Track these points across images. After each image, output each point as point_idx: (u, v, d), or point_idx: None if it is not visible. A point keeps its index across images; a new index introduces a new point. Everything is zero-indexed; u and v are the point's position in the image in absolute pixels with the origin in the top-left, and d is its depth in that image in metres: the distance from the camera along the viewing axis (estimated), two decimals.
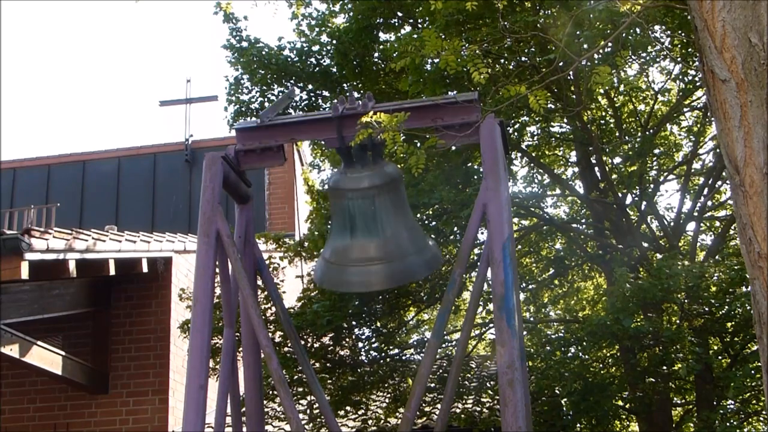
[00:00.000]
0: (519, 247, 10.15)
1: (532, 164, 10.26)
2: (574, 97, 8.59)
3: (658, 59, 8.89)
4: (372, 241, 4.37)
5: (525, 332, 8.85)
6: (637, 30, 7.62)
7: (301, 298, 8.40)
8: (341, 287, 4.52)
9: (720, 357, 8.50)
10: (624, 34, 7.46)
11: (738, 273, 7.11)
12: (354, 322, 8.41)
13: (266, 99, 10.01)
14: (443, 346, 8.94)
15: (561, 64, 6.66)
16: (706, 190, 9.50)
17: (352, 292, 4.53)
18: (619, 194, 9.20)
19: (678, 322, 7.72)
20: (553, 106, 8.91)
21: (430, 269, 4.55)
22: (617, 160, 9.46)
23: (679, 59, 8.63)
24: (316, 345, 8.17)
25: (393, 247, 4.37)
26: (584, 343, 7.54)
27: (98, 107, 40.15)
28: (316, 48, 10.00)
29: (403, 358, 9.26)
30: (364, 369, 8.69)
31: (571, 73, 7.66)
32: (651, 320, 7.39)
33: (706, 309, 7.65)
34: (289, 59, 9.84)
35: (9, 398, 8.77)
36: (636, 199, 9.22)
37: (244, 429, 4.50)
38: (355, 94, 4.60)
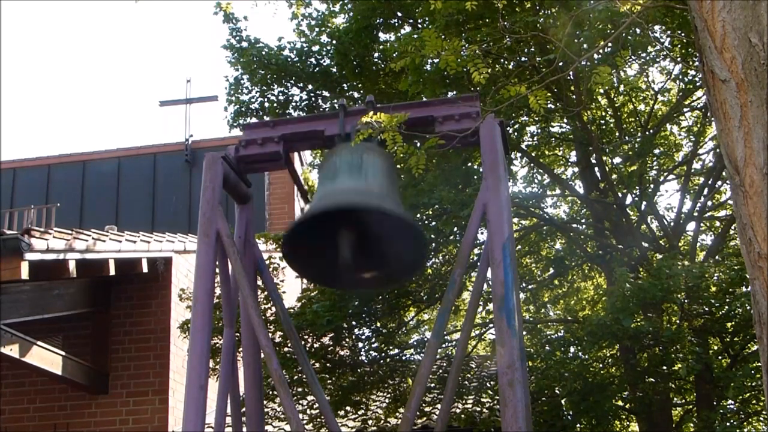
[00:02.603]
0: (519, 247, 10.15)
1: (532, 164, 10.26)
2: (574, 97, 8.59)
3: (658, 59, 8.89)
4: (353, 181, 4.17)
5: (525, 332, 8.86)
6: (637, 30, 7.61)
7: (301, 298, 8.40)
8: (307, 215, 4.14)
9: (720, 357, 8.50)
10: (624, 34, 7.46)
11: (738, 273, 7.11)
12: (354, 322, 8.41)
13: (266, 99, 10.01)
14: (443, 346, 8.93)
15: (561, 64, 6.65)
16: (706, 190, 9.50)
17: (316, 213, 4.08)
18: (619, 194, 9.20)
19: (678, 322, 7.71)
20: (553, 106, 8.91)
21: (402, 215, 4.26)
22: (617, 160, 9.46)
23: (679, 59, 8.63)
24: (316, 345, 8.16)
25: (375, 189, 4.16)
26: (584, 343, 7.54)
27: (98, 107, 40.18)
28: (316, 48, 9.99)
29: (403, 358, 9.26)
30: (364, 369, 8.68)
31: (571, 73, 7.66)
32: (651, 320, 7.39)
33: (706, 309, 7.65)
34: (289, 59, 9.84)
35: (9, 398, 8.77)
36: (636, 199, 9.22)
37: (244, 429, 4.50)
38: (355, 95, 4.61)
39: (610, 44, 7.17)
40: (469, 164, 8.27)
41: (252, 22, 33.49)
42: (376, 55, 9.75)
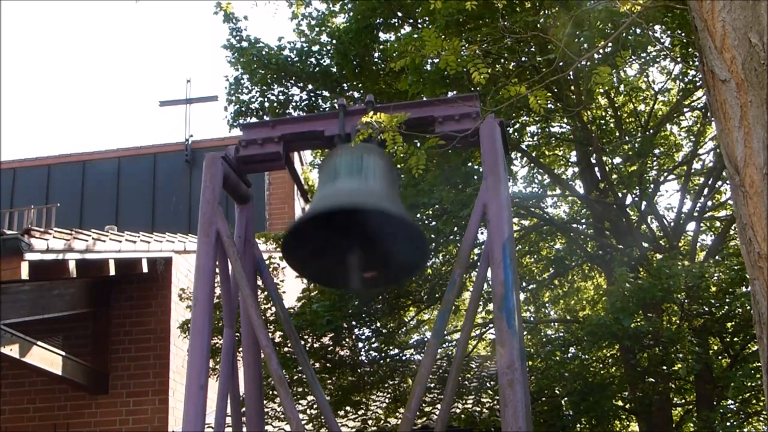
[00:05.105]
0: (519, 247, 10.15)
1: (532, 164, 10.26)
2: (574, 97, 8.59)
3: (658, 59, 8.89)
4: (353, 182, 4.17)
5: (525, 332, 8.86)
6: (637, 30, 7.61)
7: (301, 298, 8.40)
8: (308, 215, 4.14)
9: (720, 357, 8.49)
10: (624, 34, 7.46)
11: (738, 273, 7.11)
12: (354, 322, 8.41)
13: (266, 99, 10.01)
14: (443, 346, 8.93)
15: (561, 64, 6.65)
16: (706, 190, 9.50)
17: (318, 214, 4.09)
18: (619, 194, 9.21)
19: (678, 322, 7.72)
20: (553, 106, 8.91)
21: (403, 216, 4.25)
22: (617, 160, 9.46)
23: (679, 59, 8.63)
24: (316, 345, 8.16)
25: (375, 190, 4.17)
26: (584, 343, 7.54)
27: (98, 107, 40.17)
28: (316, 48, 9.99)
29: (403, 358, 9.25)
30: (364, 369, 8.68)
31: (571, 73, 7.66)
32: (651, 320, 7.39)
33: (706, 309, 7.65)
34: (289, 59, 9.84)
35: (9, 398, 8.77)
36: (636, 199, 9.23)
37: (244, 429, 4.50)
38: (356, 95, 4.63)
39: (610, 44, 7.17)
40: (469, 164, 8.26)
41: (252, 22, 33.52)
42: (376, 55, 9.76)
